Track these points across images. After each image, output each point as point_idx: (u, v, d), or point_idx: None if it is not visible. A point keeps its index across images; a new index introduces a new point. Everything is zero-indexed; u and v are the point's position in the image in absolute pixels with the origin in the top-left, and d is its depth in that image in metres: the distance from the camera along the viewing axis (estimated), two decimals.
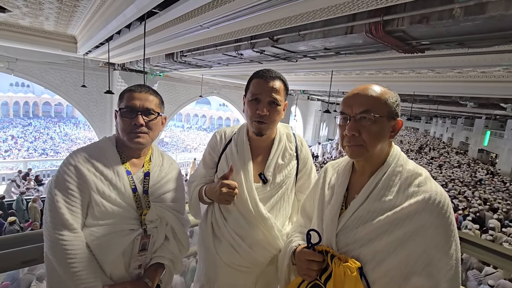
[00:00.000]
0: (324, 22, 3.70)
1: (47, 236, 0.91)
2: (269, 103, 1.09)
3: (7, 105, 34.82)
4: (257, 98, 1.09)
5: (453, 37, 3.08)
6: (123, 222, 0.99)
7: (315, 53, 4.99)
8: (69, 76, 11.79)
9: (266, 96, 1.08)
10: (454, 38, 3.09)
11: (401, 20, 3.02)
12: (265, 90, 1.08)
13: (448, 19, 2.61)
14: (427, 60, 5.47)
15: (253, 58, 5.94)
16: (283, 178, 1.17)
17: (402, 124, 0.85)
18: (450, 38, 3.13)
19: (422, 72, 7.71)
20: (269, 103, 1.09)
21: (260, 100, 1.09)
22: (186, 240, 1.17)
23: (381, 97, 0.83)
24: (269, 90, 1.08)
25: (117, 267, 0.98)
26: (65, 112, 39.20)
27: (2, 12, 5.97)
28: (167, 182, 1.12)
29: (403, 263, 0.76)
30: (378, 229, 0.79)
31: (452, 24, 2.67)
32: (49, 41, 7.90)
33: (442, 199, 0.77)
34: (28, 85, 36.07)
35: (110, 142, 1.07)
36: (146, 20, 4.45)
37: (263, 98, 1.08)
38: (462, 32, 2.87)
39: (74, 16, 6.11)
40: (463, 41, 3.20)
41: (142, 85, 1.08)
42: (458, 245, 0.77)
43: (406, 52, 3.86)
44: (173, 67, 9.45)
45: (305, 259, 0.87)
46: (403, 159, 0.86)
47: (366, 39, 3.56)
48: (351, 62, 6.63)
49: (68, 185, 0.93)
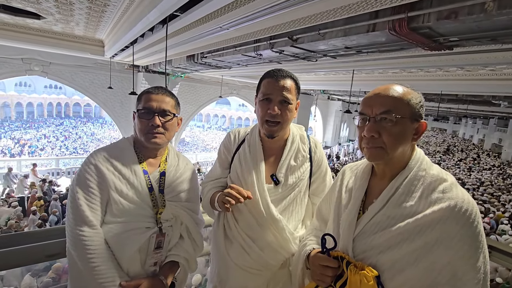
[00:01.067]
0: (345, 20, 3.60)
1: (68, 232, 0.95)
2: (280, 102, 1.08)
3: (41, 106, 37.18)
4: (268, 98, 1.09)
5: (485, 33, 2.89)
6: (140, 220, 1.02)
7: (335, 52, 4.88)
8: (96, 78, 12.39)
9: (277, 96, 1.07)
10: (486, 33, 2.90)
11: (427, 16, 2.87)
12: (276, 89, 1.07)
13: (479, 14, 2.45)
14: (455, 57, 5.17)
15: (272, 58, 5.92)
16: (296, 180, 1.16)
17: (426, 126, 0.81)
18: (481, 34, 2.94)
19: (451, 70, 7.31)
20: (280, 102, 1.08)
21: (271, 99, 1.08)
22: (200, 239, 1.19)
23: (404, 97, 0.79)
24: (280, 89, 1.07)
25: (133, 263, 1.01)
26: (93, 112, 41.19)
27: (37, 19, 6.39)
28: (182, 182, 1.14)
29: (425, 274, 0.71)
30: (397, 236, 0.74)
31: (484, 19, 2.50)
32: (79, 45, 8.36)
33: (469, 207, 0.71)
34: (60, 87, 38.24)
35: (128, 142, 1.10)
36: (168, 23, 4.57)
37: (274, 98, 1.08)
38: (495, 27, 2.68)
39: (102, 21, 6.41)
40: (496, 37, 2.99)
41: (159, 87, 1.11)
42: (487, 257, 0.71)
43: (432, 50, 3.68)
44: (193, 69, 9.64)
45: (319, 264, 0.85)
46: (427, 163, 0.81)
47: (390, 37, 3.43)
48: (373, 61, 6.42)
49: (88, 183, 0.97)
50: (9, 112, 34.14)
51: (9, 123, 32.18)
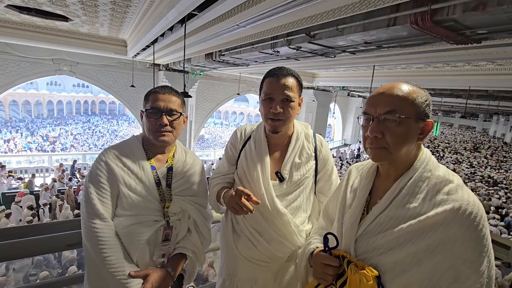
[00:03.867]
0: (364, 15, 3.50)
1: (83, 224, 1.02)
2: (282, 100, 1.10)
3: (70, 104, 39.24)
4: (270, 97, 1.10)
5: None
6: (148, 213, 1.07)
7: (354, 48, 4.75)
8: (120, 77, 12.90)
9: (279, 94, 1.09)
10: None
11: (452, 8, 2.72)
12: (277, 88, 1.09)
13: (510, 4, 2.30)
14: (485, 51, 4.88)
15: (289, 55, 5.87)
16: (300, 177, 1.17)
17: (433, 126, 0.78)
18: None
19: (480, 65, 6.91)
20: (282, 101, 1.10)
21: (273, 98, 1.10)
22: (207, 233, 1.23)
23: (409, 96, 0.76)
24: (282, 88, 1.09)
25: (142, 255, 1.06)
26: (117, 110, 42.88)
27: (65, 21, 6.74)
28: (189, 177, 1.18)
29: (427, 277, 0.70)
30: (399, 237, 0.73)
31: None
32: (103, 45, 8.74)
33: (474, 210, 0.69)
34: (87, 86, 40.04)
35: (137, 140, 1.16)
36: (186, 22, 4.66)
37: (276, 97, 1.10)
38: None
39: (124, 22, 6.65)
40: None
41: (166, 87, 1.15)
42: (491, 261, 0.69)
43: (458, 43, 3.48)
44: (212, 66, 9.77)
45: (321, 263, 0.85)
46: (433, 163, 0.79)
47: (412, 31, 3.29)
48: (395, 56, 6.19)
49: (99, 179, 1.03)
50: (41, 110, 36.33)
51: (41, 120, 34.27)
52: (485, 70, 7.21)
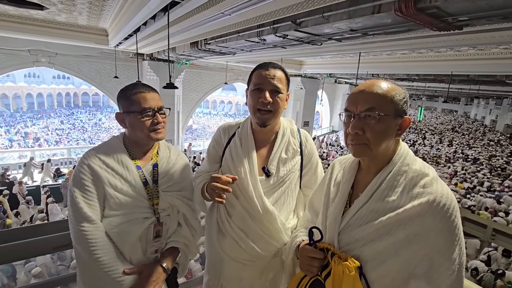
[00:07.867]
0: (349, 2, 3.49)
1: (71, 228, 1.02)
2: (271, 91, 1.11)
3: (51, 96, 37.69)
4: (259, 88, 1.11)
5: (495, 11, 2.76)
6: (137, 211, 1.08)
7: (340, 35, 4.75)
8: (102, 68, 12.44)
9: (268, 85, 1.11)
10: (497, 12, 2.77)
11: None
12: (267, 79, 1.11)
13: None
14: (466, 37, 4.97)
15: (276, 43, 5.80)
16: (287, 172, 1.18)
17: (410, 122, 0.81)
18: (492, 13, 2.81)
19: (462, 50, 7.05)
20: (272, 91, 1.11)
21: (262, 89, 1.11)
22: (198, 225, 1.26)
23: (387, 94, 0.79)
24: (271, 79, 1.11)
25: (135, 252, 1.08)
26: (101, 101, 41.60)
27: (41, 9, 6.39)
28: (175, 172, 1.20)
29: (404, 266, 0.75)
30: (379, 230, 0.77)
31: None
32: (83, 35, 8.36)
33: (447, 202, 0.73)
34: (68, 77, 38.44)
35: (118, 140, 1.16)
36: (169, 10, 4.51)
37: (265, 87, 1.11)
38: (506, 4, 2.57)
39: (104, 10, 6.36)
40: (508, 15, 2.85)
41: (144, 85, 1.16)
42: (462, 249, 0.74)
43: (441, 30, 3.54)
44: (198, 55, 9.55)
45: (307, 256, 0.89)
46: (410, 157, 0.83)
47: (396, 18, 3.31)
48: (380, 43, 6.23)
49: (84, 182, 1.03)
50: (20, 103, 34.81)
51: (21, 114, 32.90)
52: (466, 55, 7.37)
